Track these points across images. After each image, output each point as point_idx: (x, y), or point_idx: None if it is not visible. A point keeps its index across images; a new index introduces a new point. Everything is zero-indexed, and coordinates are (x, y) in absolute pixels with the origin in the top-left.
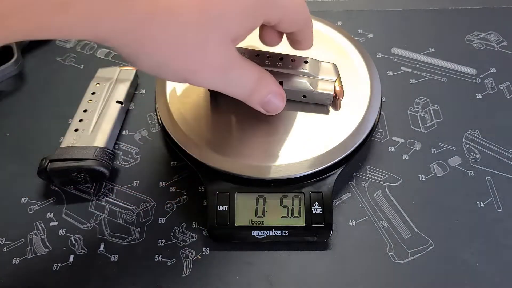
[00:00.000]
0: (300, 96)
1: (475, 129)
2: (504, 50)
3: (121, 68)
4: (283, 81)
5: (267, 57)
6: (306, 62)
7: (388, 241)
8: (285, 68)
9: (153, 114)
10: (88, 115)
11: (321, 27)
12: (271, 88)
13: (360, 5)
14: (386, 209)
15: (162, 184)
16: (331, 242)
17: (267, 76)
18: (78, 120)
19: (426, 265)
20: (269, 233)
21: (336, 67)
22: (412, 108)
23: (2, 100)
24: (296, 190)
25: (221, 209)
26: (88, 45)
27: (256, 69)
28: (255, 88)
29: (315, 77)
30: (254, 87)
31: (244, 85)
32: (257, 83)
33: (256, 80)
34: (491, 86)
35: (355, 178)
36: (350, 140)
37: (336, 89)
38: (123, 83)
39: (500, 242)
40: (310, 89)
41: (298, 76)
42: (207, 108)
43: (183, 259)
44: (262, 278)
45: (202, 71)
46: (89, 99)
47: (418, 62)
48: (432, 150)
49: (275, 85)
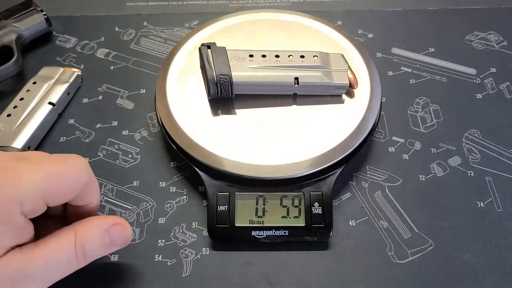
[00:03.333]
0: (316, 89)
1: (475, 129)
2: (504, 50)
3: (64, 68)
4: (299, 77)
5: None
6: (316, 56)
7: (388, 241)
8: (297, 64)
9: (153, 114)
10: (17, 112)
11: (321, 27)
12: (93, 231)
13: (360, 5)
14: (386, 209)
15: (162, 184)
16: (331, 242)
17: (80, 226)
18: (6, 115)
19: (426, 265)
20: (269, 233)
21: (344, 57)
22: (412, 108)
23: (2, 100)
24: (296, 190)
25: (221, 209)
26: (88, 45)
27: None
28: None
29: (328, 69)
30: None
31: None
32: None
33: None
34: (491, 86)
35: (355, 178)
36: (350, 140)
37: (350, 78)
38: (61, 84)
39: (500, 242)
40: (326, 81)
41: (312, 70)
42: (207, 108)
43: (183, 259)
44: (262, 278)
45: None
46: (21, 97)
47: (418, 62)
48: (432, 150)
49: (97, 223)
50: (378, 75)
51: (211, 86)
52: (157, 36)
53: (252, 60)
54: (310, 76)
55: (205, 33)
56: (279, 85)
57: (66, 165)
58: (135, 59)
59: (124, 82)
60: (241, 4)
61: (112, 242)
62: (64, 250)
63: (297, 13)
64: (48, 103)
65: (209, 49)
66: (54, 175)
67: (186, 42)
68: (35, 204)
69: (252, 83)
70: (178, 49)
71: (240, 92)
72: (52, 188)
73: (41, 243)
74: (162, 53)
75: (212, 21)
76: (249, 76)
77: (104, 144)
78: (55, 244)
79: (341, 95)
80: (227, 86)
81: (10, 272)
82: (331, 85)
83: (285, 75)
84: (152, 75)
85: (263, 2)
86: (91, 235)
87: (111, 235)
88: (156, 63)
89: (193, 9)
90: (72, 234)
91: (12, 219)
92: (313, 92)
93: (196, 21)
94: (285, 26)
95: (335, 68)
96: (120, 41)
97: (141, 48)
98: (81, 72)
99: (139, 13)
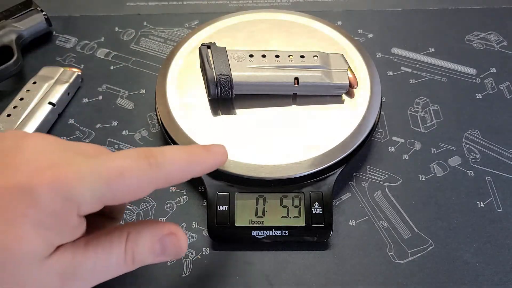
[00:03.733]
0: (316, 89)
1: (475, 129)
2: (504, 50)
3: (64, 68)
4: (299, 77)
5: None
6: (316, 56)
7: (388, 241)
8: (297, 64)
9: (153, 114)
10: (17, 112)
11: (321, 27)
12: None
13: (360, 5)
14: (386, 209)
15: None
16: (331, 242)
17: (133, 231)
18: (6, 115)
19: (426, 265)
20: (269, 233)
21: (344, 57)
22: (412, 108)
23: (2, 100)
24: (296, 190)
25: (221, 209)
26: (88, 45)
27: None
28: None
29: (328, 69)
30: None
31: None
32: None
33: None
34: (491, 86)
35: (355, 178)
36: (350, 140)
37: (350, 78)
38: (62, 84)
39: (500, 242)
40: (326, 81)
41: (312, 70)
42: (207, 108)
43: (183, 259)
44: (262, 278)
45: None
46: (21, 97)
47: (418, 62)
48: (432, 150)
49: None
50: (378, 75)
51: (211, 86)
52: (157, 36)
53: (252, 60)
54: (310, 76)
55: (205, 33)
56: (279, 85)
57: (127, 167)
58: (135, 59)
59: (124, 82)
60: (241, 4)
61: (164, 252)
62: (114, 251)
63: (297, 13)
64: (48, 103)
65: (209, 49)
66: (117, 178)
67: (186, 42)
68: (93, 207)
69: (252, 83)
70: (178, 49)
71: (240, 92)
72: (113, 192)
73: (93, 241)
74: (162, 53)
75: (212, 21)
76: (249, 76)
77: (104, 144)
78: (107, 244)
79: (341, 95)
80: (227, 86)
81: (59, 271)
82: (331, 85)
83: (285, 75)
84: (152, 75)
85: (263, 2)
86: (143, 240)
87: (164, 244)
88: (156, 63)
89: (193, 9)
90: (124, 236)
91: (67, 220)
92: (313, 92)
93: (196, 21)
94: (285, 26)
95: (335, 68)
96: (120, 41)
97: (141, 48)
98: (81, 72)
99: (139, 13)
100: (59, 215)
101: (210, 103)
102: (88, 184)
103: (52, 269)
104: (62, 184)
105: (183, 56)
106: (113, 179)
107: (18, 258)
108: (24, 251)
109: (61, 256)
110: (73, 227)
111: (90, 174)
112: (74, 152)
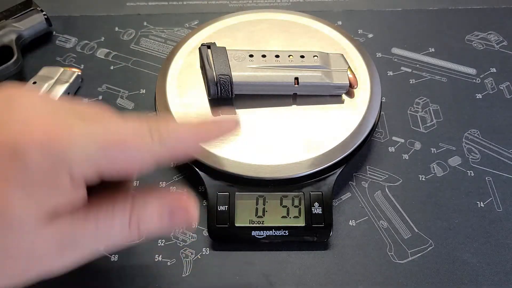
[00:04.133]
0: (316, 89)
1: (475, 129)
2: (504, 50)
3: (64, 68)
4: (299, 77)
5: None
6: (316, 56)
7: (388, 241)
8: (297, 64)
9: (153, 114)
10: None
11: (321, 27)
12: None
13: (360, 5)
14: (386, 209)
15: (162, 184)
16: (331, 242)
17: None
18: None
19: (426, 265)
20: (269, 233)
21: (344, 57)
22: (412, 108)
23: None
24: (296, 190)
25: (221, 209)
26: (88, 45)
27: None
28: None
29: (328, 69)
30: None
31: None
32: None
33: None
34: (491, 86)
35: (355, 178)
36: (350, 140)
37: (350, 78)
38: (62, 84)
39: (500, 242)
40: (326, 81)
41: (312, 70)
42: (207, 108)
43: (183, 259)
44: (262, 278)
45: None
46: None
47: (418, 62)
48: (432, 150)
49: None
50: (378, 75)
51: (211, 86)
52: (157, 36)
53: (252, 60)
54: (310, 76)
55: (205, 33)
56: (279, 85)
57: (130, 134)
58: (135, 59)
59: (124, 82)
60: (241, 4)
61: (173, 220)
62: (117, 217)
63: (297, 13)
64: None
65: (209, 49)
66: (114, 147)
67: (186, 42)
68: (87, 172)
69: (252, 83)
70: (178, 49)
71: (240, 92)
72: (110, 160)
73: (94, 208)
74: (162, 53)
75: (212, 21)
76: (249, 76)
77: None
78: (109, 209)
79: (341, 95)
80: (227, 86)
81: (57, 239)
82: (331, 85)
83: (285, 75)
84: (152, 75)
85: (263, 2)
86: (151, 206)
87: (173, 211)
88: (156, 63)
89: (193, 9)
90: (129, 200)
91: (59, 180)
92: (313, 92)
93: (196, 21)
94: (285, 26)
95: (335, 68)
96: (120, 41)
97: (141, 48)
98: (81, 72)
99: (139, 13)
100: (48, 174)
101: (210, 103)
102: (80, 145)
103: (49, 237)
104: (52, 143)
105: (183, 56)
106: (109, 146)
107: (10, 222)
108: (16, 215)
109: (59, 224)
110: (66, 190)
111: (84, 137)
112: (73, 115)
